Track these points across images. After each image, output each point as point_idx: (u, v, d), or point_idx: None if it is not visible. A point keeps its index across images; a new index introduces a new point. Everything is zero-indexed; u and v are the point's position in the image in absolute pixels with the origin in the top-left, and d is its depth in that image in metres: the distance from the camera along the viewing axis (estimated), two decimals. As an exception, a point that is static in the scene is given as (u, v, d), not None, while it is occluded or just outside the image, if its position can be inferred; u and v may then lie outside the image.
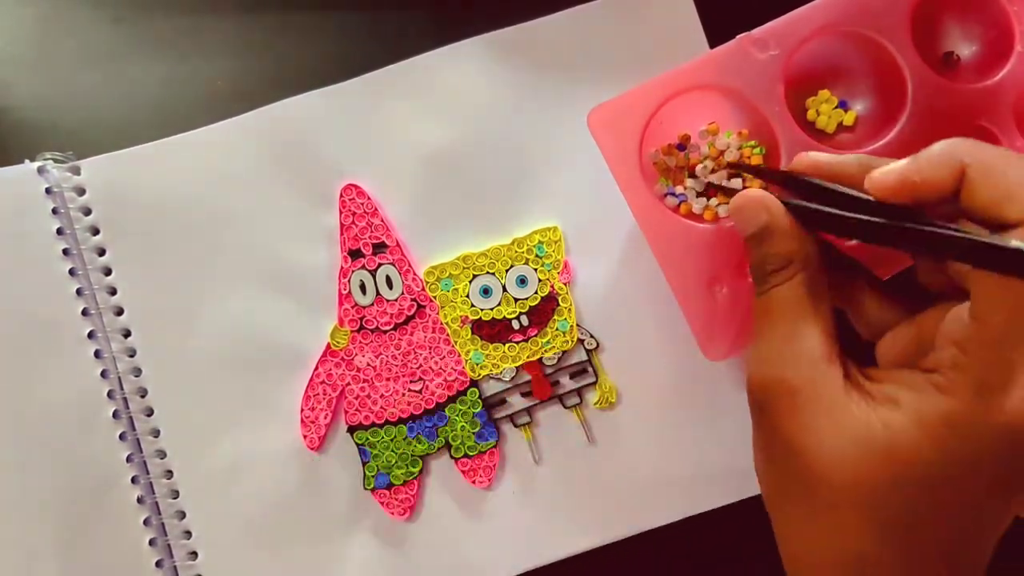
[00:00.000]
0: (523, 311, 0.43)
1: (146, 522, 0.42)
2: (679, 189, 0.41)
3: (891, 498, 0.27)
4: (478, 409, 0.43)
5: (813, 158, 0.33)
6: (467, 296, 0.43)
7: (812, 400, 0.28)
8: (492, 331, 0.43)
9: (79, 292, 0.43)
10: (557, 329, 0.43)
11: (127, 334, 0.43)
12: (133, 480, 0.42)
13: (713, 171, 0.41)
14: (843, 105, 0.41)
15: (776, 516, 0.30)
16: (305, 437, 0.42)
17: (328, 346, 0.43)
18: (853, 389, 0.28)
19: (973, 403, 0.26)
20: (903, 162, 0.29)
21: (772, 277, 0.31)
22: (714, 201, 0.40)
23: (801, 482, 0.28)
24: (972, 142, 0.28)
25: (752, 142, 0.41)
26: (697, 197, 0.40)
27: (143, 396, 0.43)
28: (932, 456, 0.26)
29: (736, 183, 0.41)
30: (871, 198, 0.29)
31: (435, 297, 0.43)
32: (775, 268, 0.30)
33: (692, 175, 0.41)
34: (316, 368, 0.43)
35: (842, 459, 0.27)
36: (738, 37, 0.39)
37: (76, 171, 0.43)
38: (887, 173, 0.29)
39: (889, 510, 0.27)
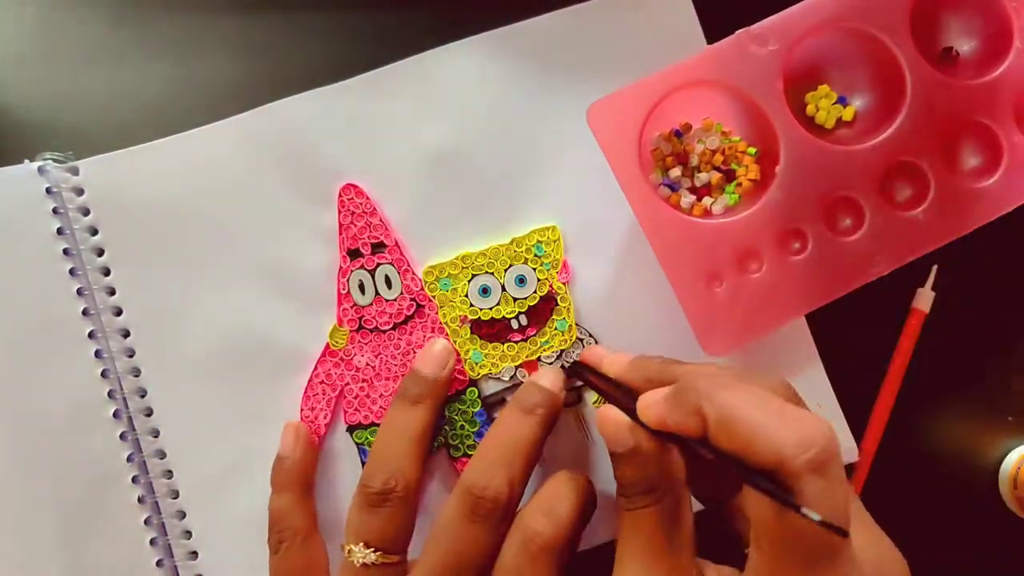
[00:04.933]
0: (522, 311, 0.43)
1: (146, 522, 0.42)
2: (673, 174, 0.41)
3: None
4: (477, 408, 0.42)
5: (595, 354, 0.39)
6: (466, 296, 0.43)
7: None
8: (491, 331, 0.43)
9: (79, 292, 0.43)
10: (556, 328, 0.43)
11: (126, 334, 0.43)
12: (133, 480, 0.42)
13: (699, 168, 0.41)
14: (842, 101, 0.41)
15: None
16: (305, 437, 0.42)
17: (327, 346, 0.43)
18: None
19: None
20: (661, 398, 0.30)
21: (640, 498, 0.32)
22: (708, 200, 0.41)
23: None
24: (711, 383, 0.29)
25: (736, 138, 0.41)
26: (687, 192, 0.41)
27: (143, 396, 0.43)
28: None
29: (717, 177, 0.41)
30: None
31: (434, 297, 0.43)
32: (642, 490, 0.32)
33: (684, 165, 0.41)
34: (315, 368, 0.43)
35: None
36: (737, 32, 0.39)
37: (75, 171, 0.43)
38: (647, 408, 0.31)
39: None
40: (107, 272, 0.43)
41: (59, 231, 0.43)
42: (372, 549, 0.36)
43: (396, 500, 0.36)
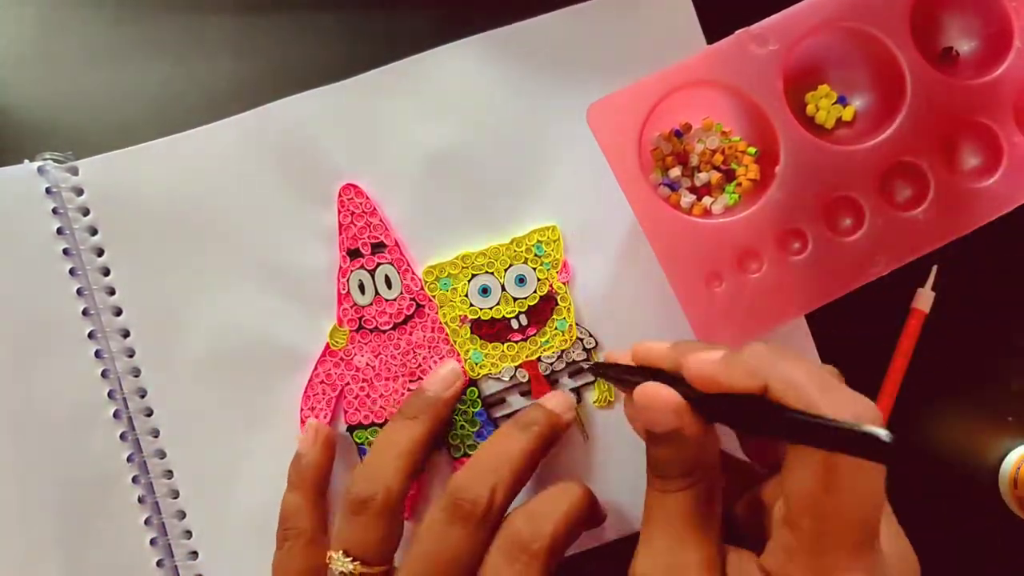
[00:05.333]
0: (522, 310, 0.43)
1: (147, 522, 0.42)
2: (673, 173, 0.41)
3: None
4: (477, 408, 0.42)
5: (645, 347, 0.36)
6: (466, 295, 0.43)
7: None
8: (491, 330, 0.43)
9: (79, 292, 0.43)
10: (556, 328, 0.43)
11: (126, 334, 0.43)
12: (134, 480, 0.42)
13: (699, 168, 0.41)
14: (842, 100, 0.41)
15: None
16: (305, 437, 0.42)
17: (327, 346, 0.43)
18: None
19: None
20: (717, 358, 0.29)
21: (676, 481, 0.31)
22: (708, 200, 0.41)
23: None
24: (774, 356, 0.29)
25: (737, 137, 0.41)
26: (687, 192, 0.41)
27: (143, 396, 0.43)
28: None
29: (716, 176, 0.41)
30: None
31: (434, 296, 0.43)
32: (679, 473, 0.31)
33: (684, 165, 0.41)
34: (315, 368, 0.43)
35: None
36: (737, 32, 0.39)
37: (75, 171, 0.43)
38: (701, 363, 0.30)
39: None
40: (107, 272, 0.43)
41: (59, 231, 0.43)
42: (351, 559, 0.36)
43: (375, 509, 0.36)
